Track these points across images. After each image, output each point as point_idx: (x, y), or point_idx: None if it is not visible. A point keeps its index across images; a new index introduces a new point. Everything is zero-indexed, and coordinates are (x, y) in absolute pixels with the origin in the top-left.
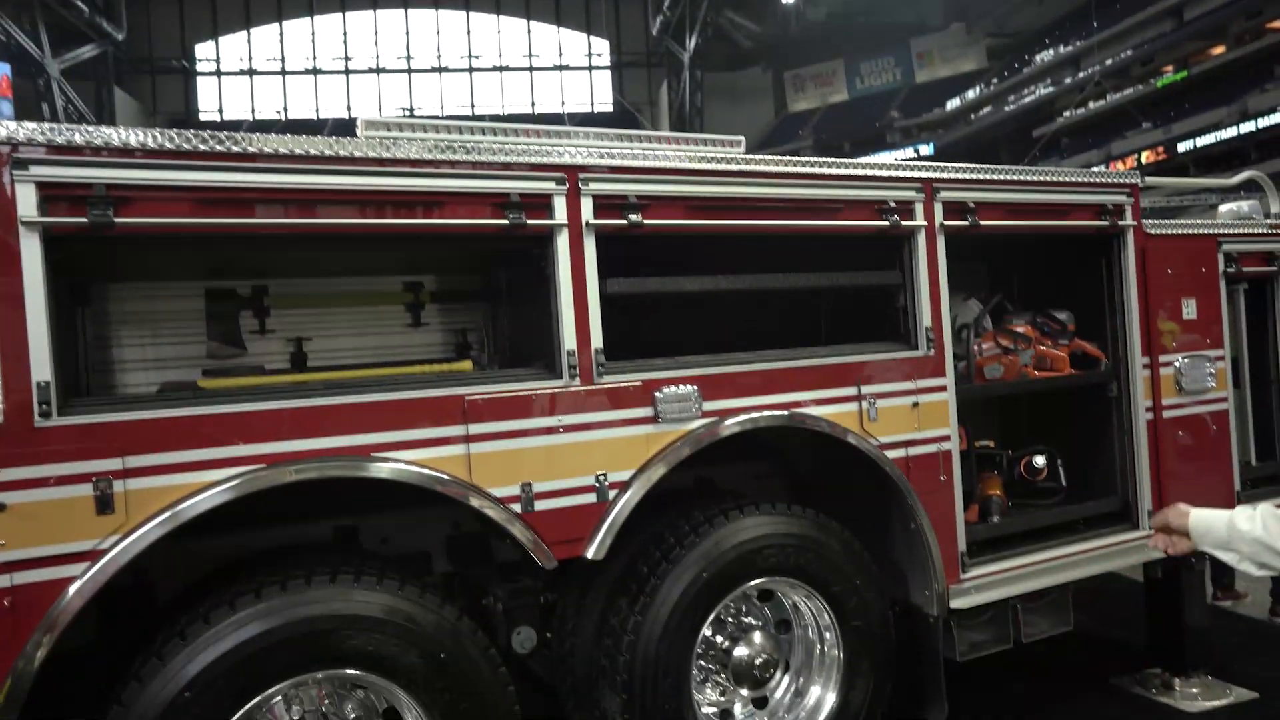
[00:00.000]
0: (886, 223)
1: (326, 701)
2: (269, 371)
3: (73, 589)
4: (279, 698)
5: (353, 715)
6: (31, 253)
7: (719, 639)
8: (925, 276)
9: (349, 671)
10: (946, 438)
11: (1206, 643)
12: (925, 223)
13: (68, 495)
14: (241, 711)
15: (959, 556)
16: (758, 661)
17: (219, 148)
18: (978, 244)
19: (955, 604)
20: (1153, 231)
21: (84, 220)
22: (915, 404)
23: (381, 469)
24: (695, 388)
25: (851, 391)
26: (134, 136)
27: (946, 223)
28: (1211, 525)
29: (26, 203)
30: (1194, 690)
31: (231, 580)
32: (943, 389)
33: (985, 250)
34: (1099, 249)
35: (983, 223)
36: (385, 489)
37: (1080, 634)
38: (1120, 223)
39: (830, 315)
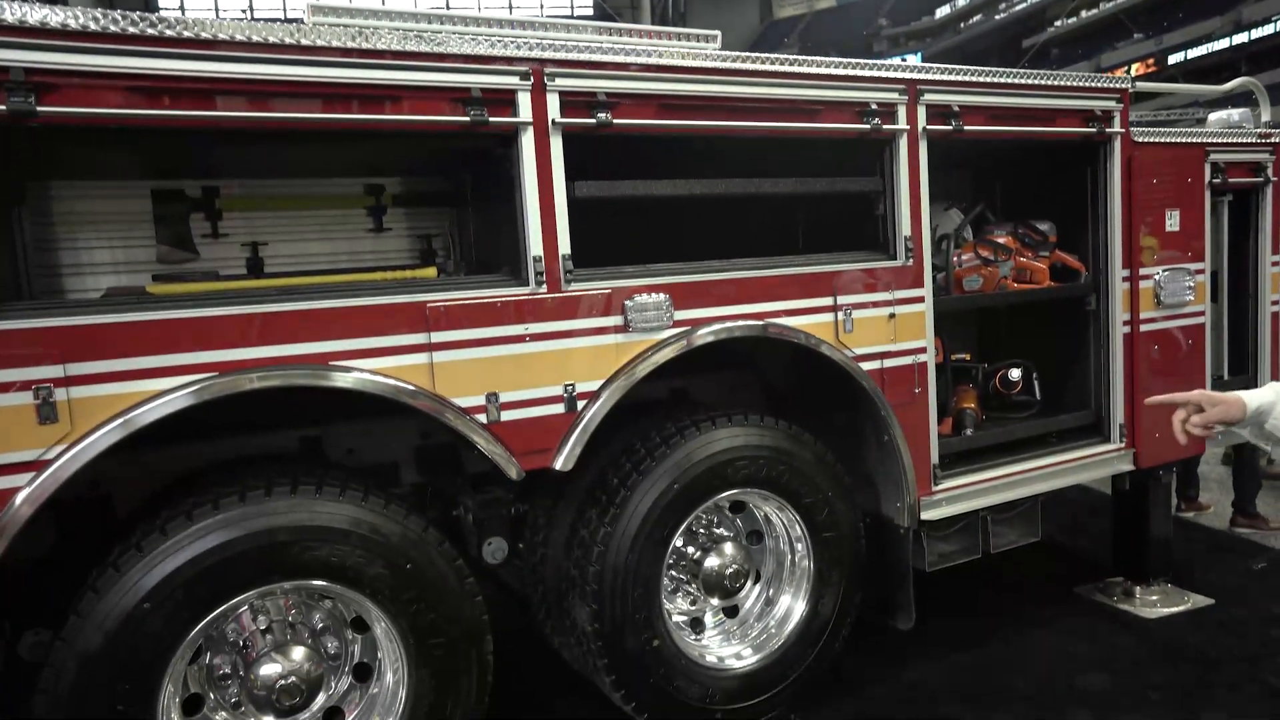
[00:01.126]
0: (867, 126)
1: (293, 612)
2: (224, 278)
3: (19, 498)
4: (245, 608)
5: (320, 624)
6: None
7: (690, 550)
8: (906, 184)
9: (315, 583)
10: (923, 350)
11: (1168, 553)
12: (907, 127)
13: (6, 403)
14: (204, 622)
15: (931, 469)
16: (729, 572)
17: (151, 31)
18: (960, 151)
19: (926, 515)
20: (1140, 139)
21: (1, 108)
22: (892, 315)
23: (343, 378)
24: (666, 296)
25: (827, 302)
26: (55, 16)
27: (929, 127)
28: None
29: None
30: (1154, 598)
31: (190, 492)
32: (920, 300)
33: (967, 158)
34: (1084, 157)
35: (967, 128)
36: (349, 399)
37: (1046, 545)
38: (1108, 130)
39: (806, 224)
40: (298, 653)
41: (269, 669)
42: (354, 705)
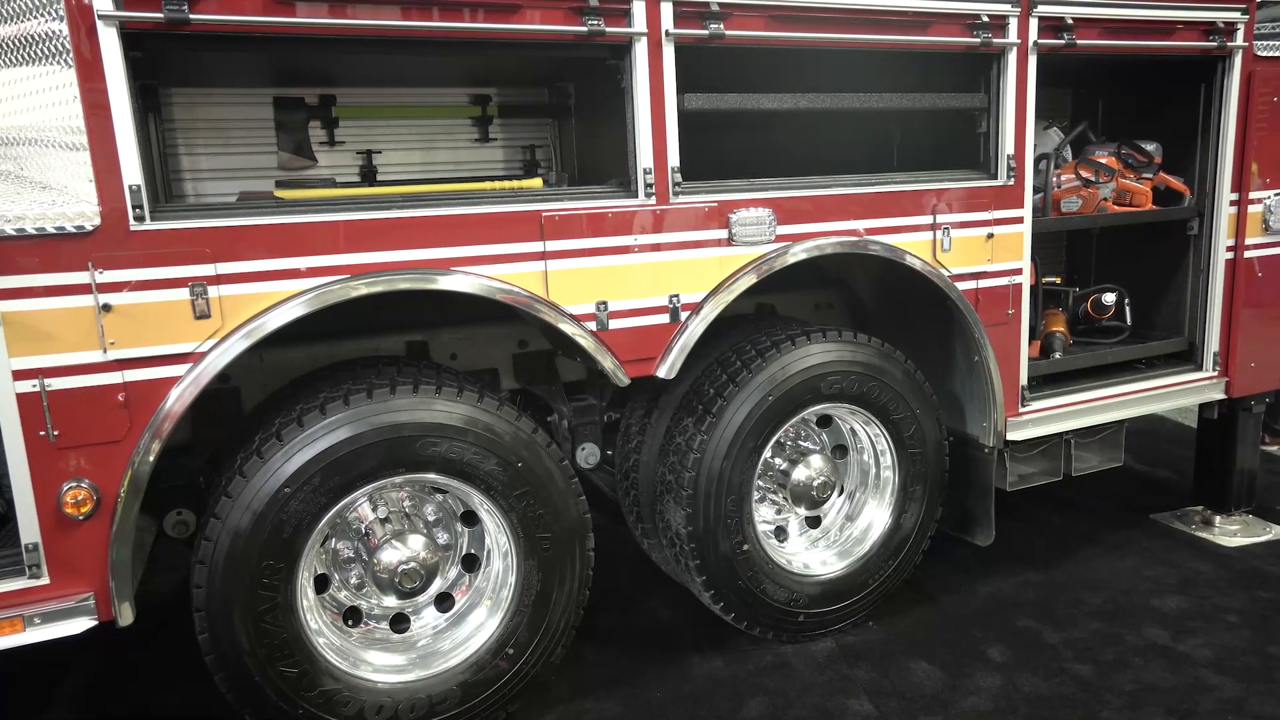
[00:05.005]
0: (977, 40)
1: (409, 504)
2: (340, 184)
3: (181, 386)
4: (365, 499)
5: (433, 517)
6: (111, 50)
7: (778, 461)
8: (1012, 101)
9: (432, 476)
10: (1018, 271)
11: (1252, 483)
12: (1018, 41)
13: (167, 298)
14: (336, 508)
15: (1020, 391)
16: (817, 483)
17: None
18: (1064, 67)
19: (1012, 436)
20: (1263, 54)
21: (159, 15)
22: (990, 235)
23: (466, 283)
24: (770, 210)
25: (926, 220)
26: None
27: (1040, 41)
28: None
29: None
30: (1233, 527)
31: (317, 388)
32: (1019, 220)
33: (1070, 74)
34: (1199, 73)
35: (1080, 41)
36: (457, 304)
37: (1126, 472)
38: (1230, 43)
39: (904, 141)
40: (416, 541)
41: (392, 554)
42: (462, 592)
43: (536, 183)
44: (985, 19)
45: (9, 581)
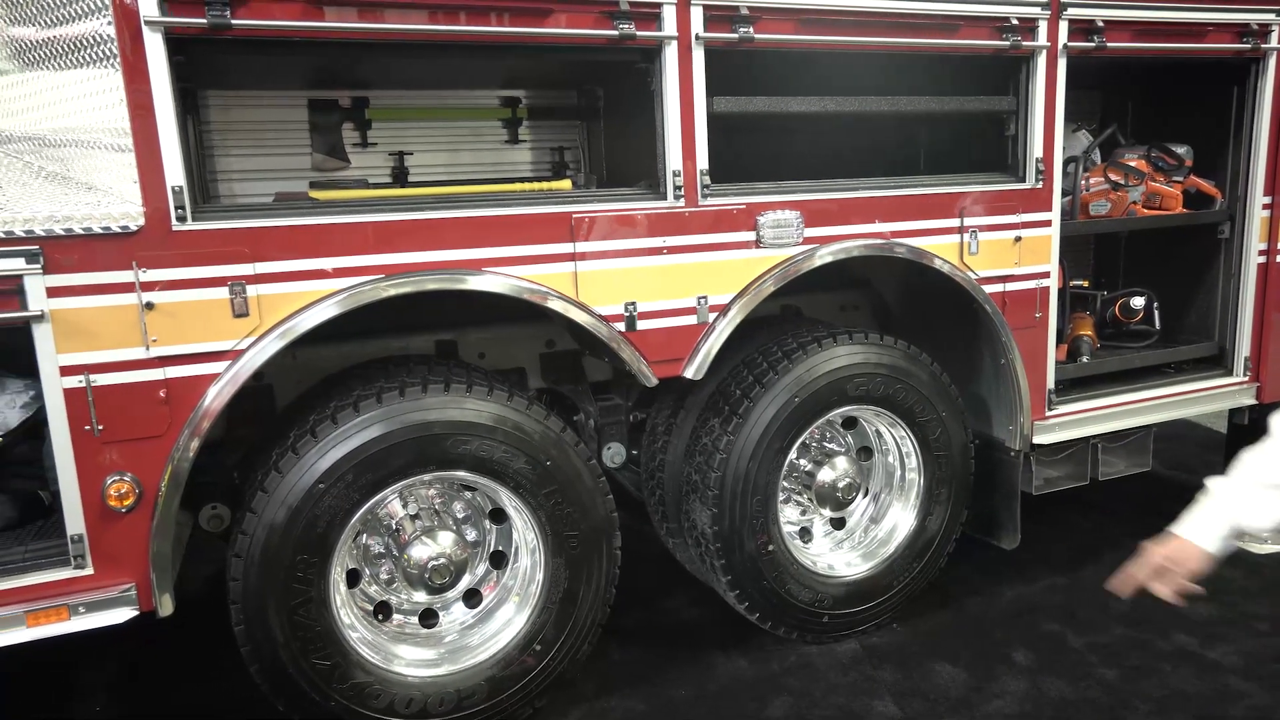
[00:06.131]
0: (1006, 42)
1: (439, 501)
2: (372, 185)
3: (220, 383)
4: (395, 496)
5: (462, 514)
6: (156, 55)
7: (803, 462)
8: (1041, 104)
9: (462, 474)
10: (1046, 274)
11: None
12: (1047, 44)
13: (207, 297)
14: (368, 504)
15: (1047, 395)
16: (842, 484)
17: None
18: (1093, 69)
19: (1038, 440)
20: None
21: (202, 21)
22: (1018, 238)
23: (495, 283)
24: (798, 213)
25: (954, 223)
26: None
27: (1070, 44)
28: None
29: (148, 2)
30: (1265, 535)
31: (350, 386)
32: (1047, 224)
33: (1099, 76)
34: (1230, 75)
35: (1110, 44)
36: (486, 304)
37: (1154, 477)
38: (1264, 45)
39: (931, 143)
40: (445, 538)
41: (422, 551)
42: (490, 588)
43: (566, 184)
44: (1014, 21)
45: (55, 571)
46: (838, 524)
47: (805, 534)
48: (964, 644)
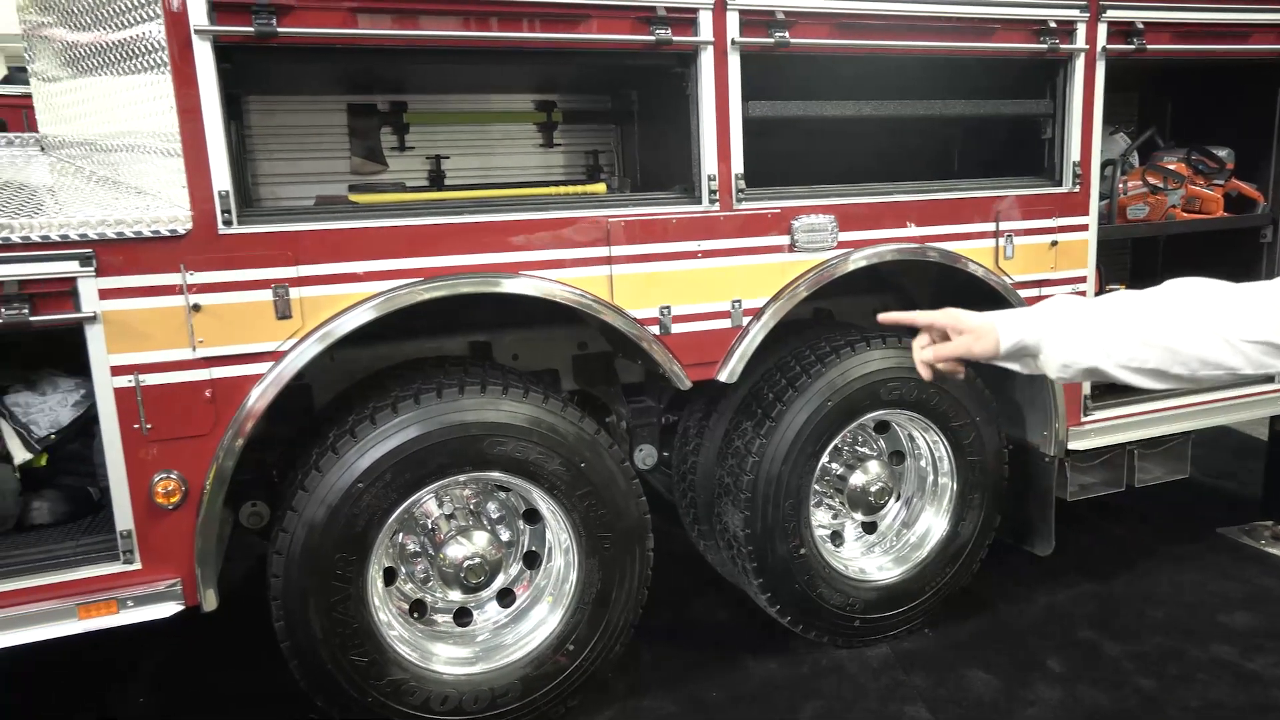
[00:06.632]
0: (1043, 46)
1: (473, 501)
2: (410, 189)
3: (264, 383)
4: (431, 496)
5: (496, 514)
6: (205, 62)
7: (835, 465)
8: (1079, 107)
9: (497, 475)
10: (1083, 279)
11: None
12: (1085, 47)
13: (251, 299)
14: (406, 504)
15: (1082, 400)
16: (874, 489)
17: None
18: (1132, 71)
19: (1073, 446)
20: None
21: (250, 29)
22: (1054, 243)
23: (531, 286)
24: (832, 217)
25: (989, 227)
26: None
27: (1109, 46)
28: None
29: (198, 11)
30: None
31: (387, 387)
32: (1084, 228)
33: (1138, 78)
34: (1273, 76)
35: (1150, 47)
36: (521, 307)
37: (1192, 484)
38: None
39: (965, 146)
40: (480, 538)
41: (457, 550)
42: (523, 587)
43: (600, 188)
44: (1052, 25)
45: (104, 566)
46: (869, 528)
47: (836, 537)
48: (997, 650)
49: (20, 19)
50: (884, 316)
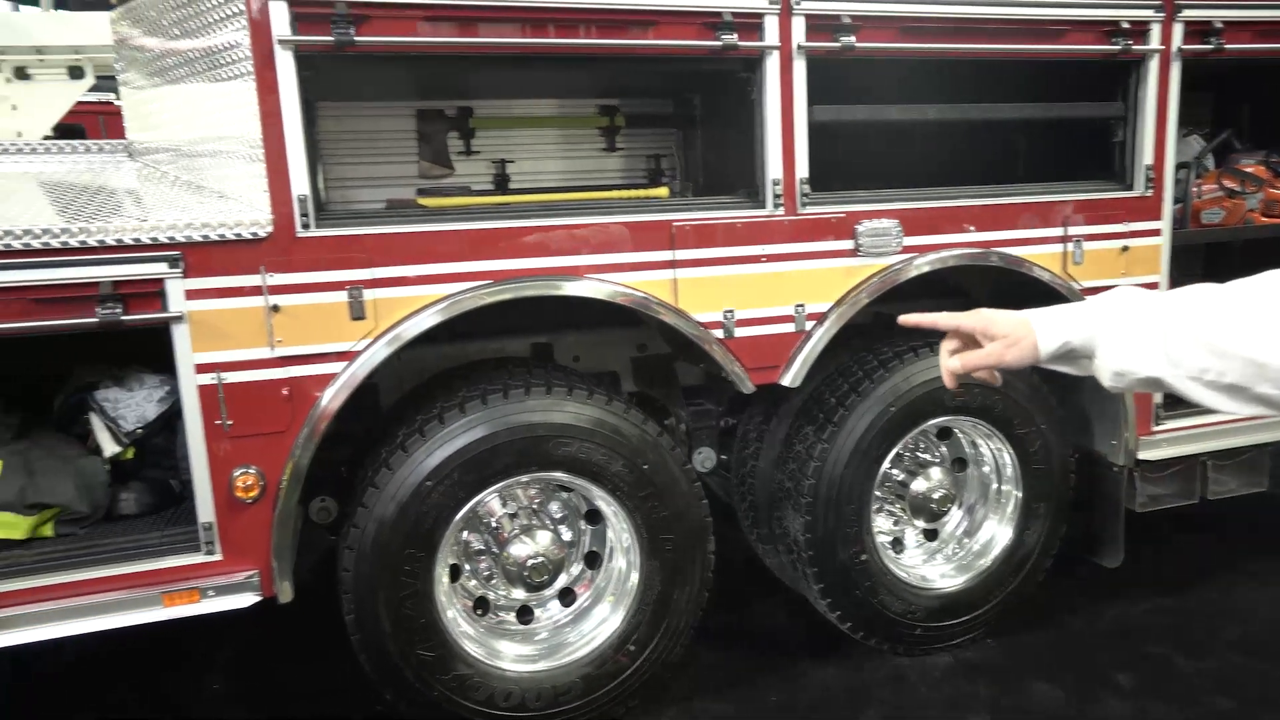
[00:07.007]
0: (1116, 47)
1: (536, 501)
2: (475, 192)
3: (338, 382)
4: (495, 495)
5: (558, 514)
6: (286, 71)
7: (896, 471)
8: (1153, 109)
9: (559, 475)
10: (1155, 285)
11: None
12: (1160, 47)
13: (327, 300)
14: (472, 502)
15: (1153, 409)
16: (937, 495)
17: None
18: (1207, 70)
19: (1143, 455)
20: None
21: (329, 39)
22: (1125, 248)
23: (601, 290)
24: (896, 221)
25: (1057, 232)
26: None
27: (1185, 47)
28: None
29: (280, 22)
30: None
31: (454, 387)
32: (1157, 233)
33: (1214, 78)
34: None
35: (1228, 46)
36: (583, 309)
37: (1270, 498)
38: None
39: (1029, 150)
40: (544, 537)
41: (521, 549)
42: (584, 587)
43: (663, 192)
44: (1126, 25)
45: (188, 556)
46: (930, 535)
47: (897, 544)
48: (1063, 663)
49: (113, 31)
50: (905, 318)
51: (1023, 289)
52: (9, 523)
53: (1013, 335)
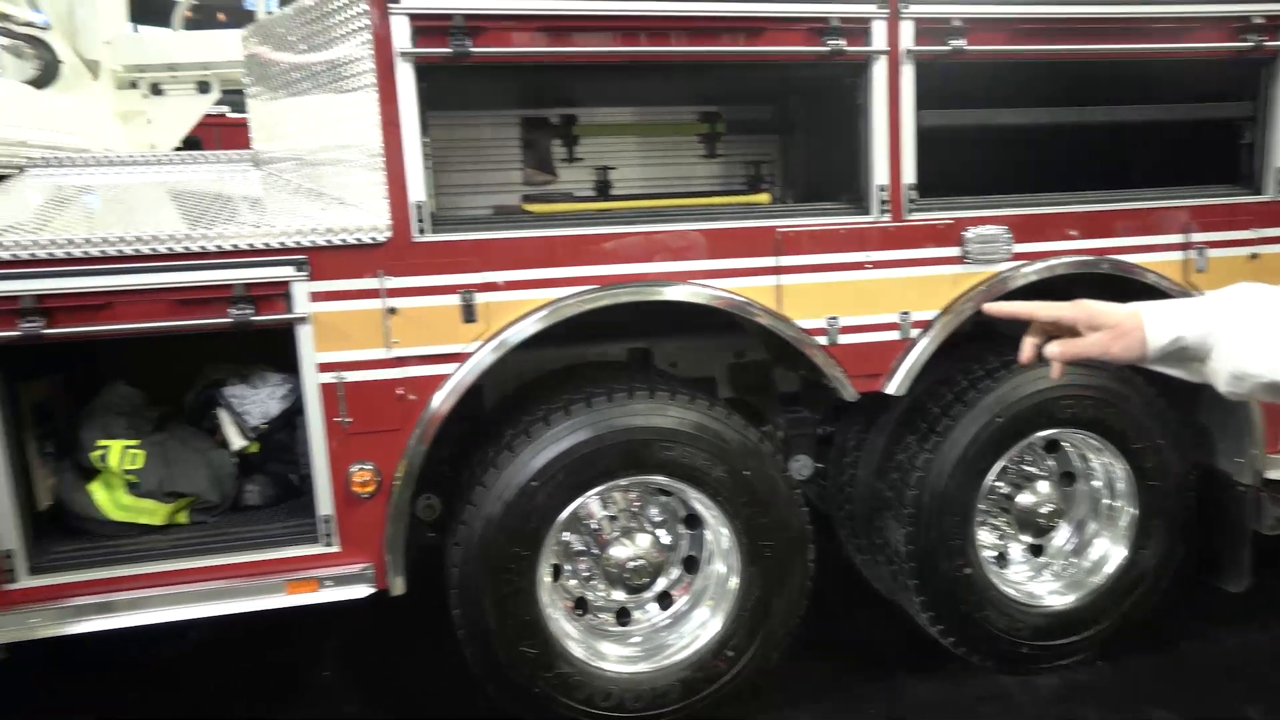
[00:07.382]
0: (1248, 43)
1: (636, 504)
2: (578, 198)
3: (451, 383)
4: (595, 497)
5: (657, 518)
6: (406, 82)
7: (1000, 484)
8: None
9: (661, 479)
10: None
11: None
12: None
13: (441, 304)
14: (575, 503)
15: None
16: (1045, 510)
17: None
18: None
19: (1271, 474)
20: None
21: (448, 50)
22: (1254, 255)
23: (704, 296)
24: (1005, 228)
25: (1178, 239)
26: None
27: None
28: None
29: (401, 35)
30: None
31: (557, 390)
32: None
33: None
34: None
35: None
36: (683, 314)
37: None
38: None
39: (1141, 154)
40: (644, 540)
41: (621, 551)
42: (681, 591)
43: (765, 198)
44: (1259, 20)
45: (308, 547)
46: (1035, 551)
47: (1002, 559)
48: (1181, 690)
49: (243, 47)
50: (990, 307)
51: (1139, 297)
52: (150, 510)
53: (1121, 326)
